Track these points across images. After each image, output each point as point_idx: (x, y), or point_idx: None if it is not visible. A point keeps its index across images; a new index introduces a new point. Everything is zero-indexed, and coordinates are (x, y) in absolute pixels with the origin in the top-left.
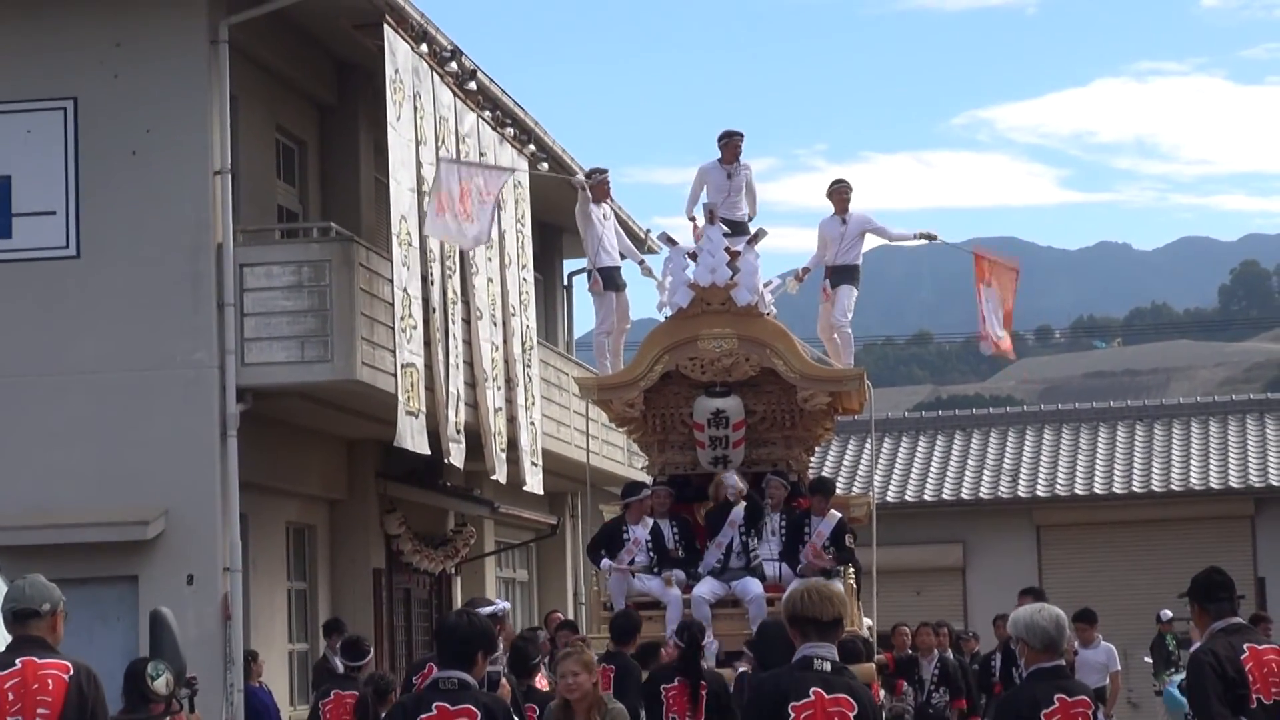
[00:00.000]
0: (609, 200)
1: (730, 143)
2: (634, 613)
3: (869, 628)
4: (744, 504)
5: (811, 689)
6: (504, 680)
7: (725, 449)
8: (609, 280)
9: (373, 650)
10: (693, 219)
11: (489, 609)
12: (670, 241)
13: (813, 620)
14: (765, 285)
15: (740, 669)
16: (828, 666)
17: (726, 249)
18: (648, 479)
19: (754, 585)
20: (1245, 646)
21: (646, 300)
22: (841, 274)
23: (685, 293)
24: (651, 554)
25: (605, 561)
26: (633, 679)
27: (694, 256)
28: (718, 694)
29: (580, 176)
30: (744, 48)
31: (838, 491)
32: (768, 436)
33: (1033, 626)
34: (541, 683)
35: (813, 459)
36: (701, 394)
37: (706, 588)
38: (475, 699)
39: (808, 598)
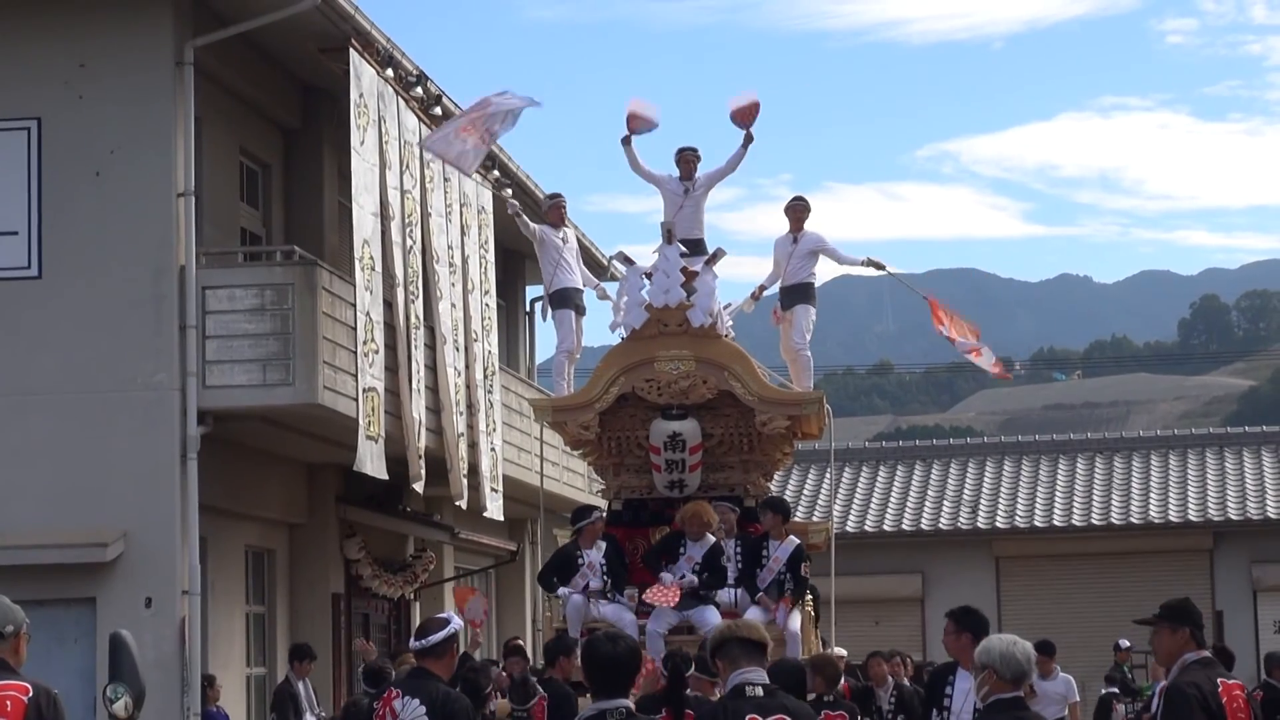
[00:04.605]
0: (567, 224)
1: (683, 158)
2: (566, 635)
3: (839, 656)
4: (710, 537)
5: (747, 716)
6: None
7: (682, 473)
8: (568, 300)
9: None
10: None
11: (443, 631)
12: (628, 261)
13: (740, 640)
14: (724, 307)
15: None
16: (760, 691)
17: (683, 269)
18: (604, 504)
19: (712, 615)
20: (1219, 680)
21: (601, 329)
22: (794, 294)
23: (640, 313)
24: (606, 578)
25: (562, 590)
26: (568, 706)
27: (650, 276)
28: None
29: (509, 197)
30: (709, 77)
31: (797, 518)
32: (725, 460)
33: (1008, 658)
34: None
35: (771, 486)
36: (658, 417)
37: (660, 623)
38: None
39: (733, 624)
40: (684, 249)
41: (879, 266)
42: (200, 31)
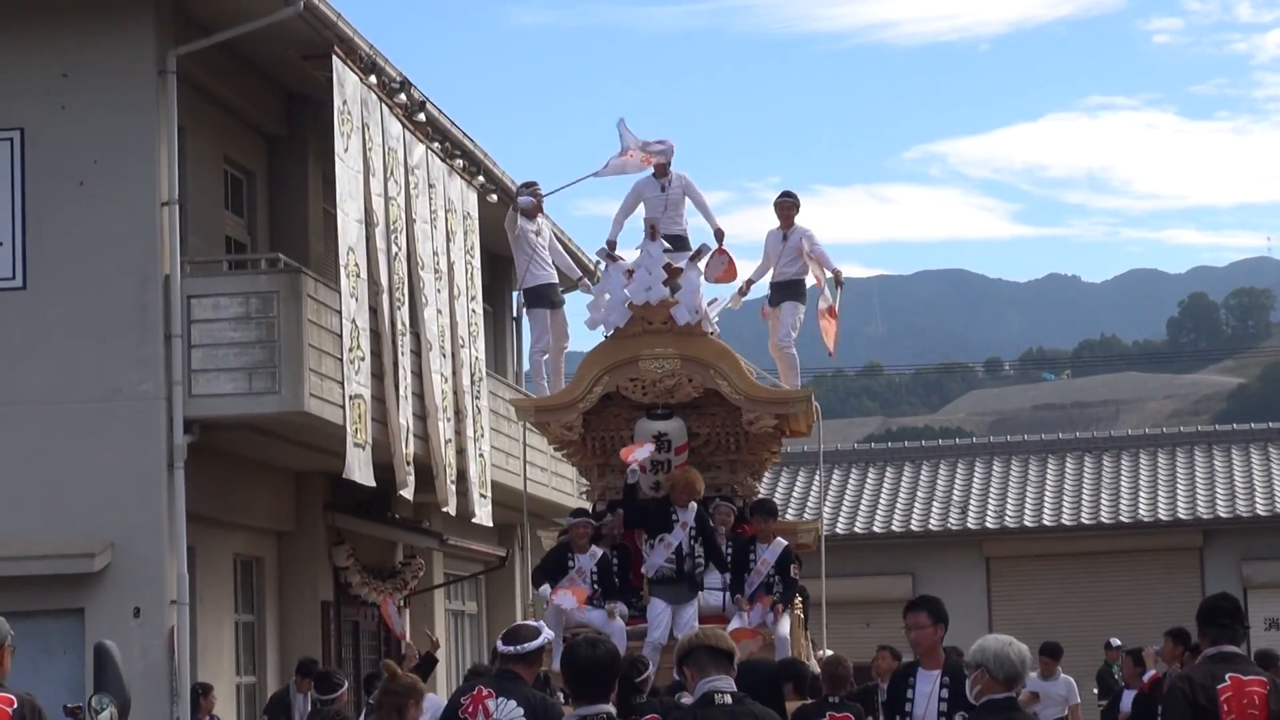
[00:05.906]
0: (543, 215)
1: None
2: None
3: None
4: (695, 505)
5: None
6: None
7: (668, 473)
8: (542, 297)
9: (346, 684)
10: (611, 244)
11: (537, 640)
12: (610, 257)
13: (708, 648)
14: (709, 304)
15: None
16: (729, 699)
17: (666, 266)
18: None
19: (692, 617)
20: (1228, 676)
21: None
22: (783, 290)
23: (623, 311)
24: (596, 585)
25: (544, 588)
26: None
27: (632, 274)
28: None
29: (518, 191)
30: (697, 81)
31: (787, 518)
32: (712, 460)
33: (1002, 658)
34: None
35: (761, 486)
36: (643, 416)
37: (659, 632)
38: None
39: (700, 632)
40: (668, 245)
41: (839, 283)
42: (183, 40)
